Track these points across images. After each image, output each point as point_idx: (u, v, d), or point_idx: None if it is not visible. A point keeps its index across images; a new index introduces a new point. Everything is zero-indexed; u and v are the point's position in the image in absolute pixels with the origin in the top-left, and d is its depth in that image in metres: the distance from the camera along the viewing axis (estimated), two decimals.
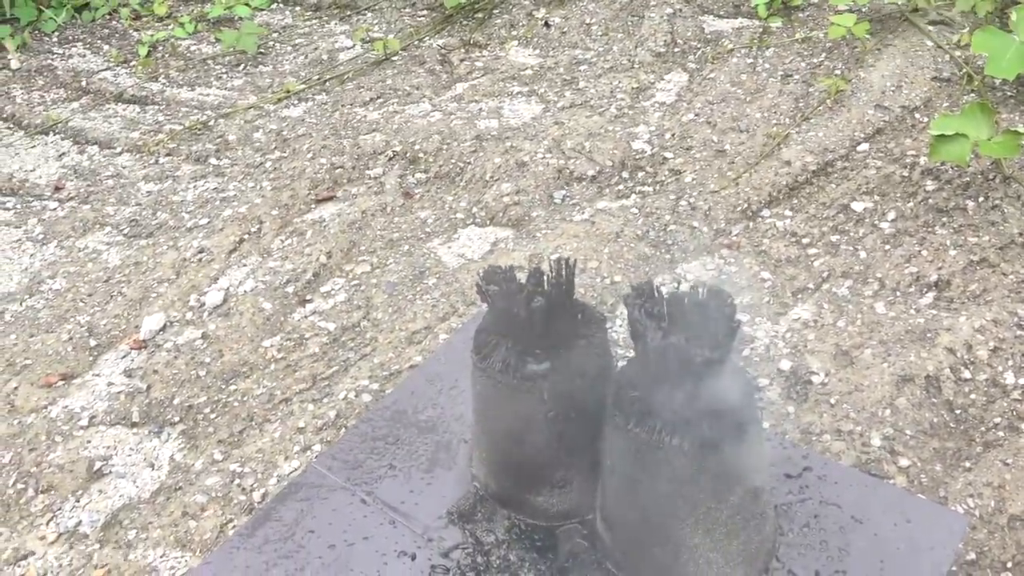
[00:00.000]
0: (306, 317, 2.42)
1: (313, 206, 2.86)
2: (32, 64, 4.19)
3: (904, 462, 1.76)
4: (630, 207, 2.55)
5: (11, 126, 3.74)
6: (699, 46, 3.33)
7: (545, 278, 1.35)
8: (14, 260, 2.89)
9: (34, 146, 3.56)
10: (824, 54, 3.10)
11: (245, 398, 2.19)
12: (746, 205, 2.48)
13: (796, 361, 2.01)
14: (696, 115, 2.90)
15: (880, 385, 1.90)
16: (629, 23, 3.56)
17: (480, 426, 1.54)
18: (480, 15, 3.81)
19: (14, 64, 4.23)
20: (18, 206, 3.18)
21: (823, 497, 1.54)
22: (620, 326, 2.16)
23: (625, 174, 2.72)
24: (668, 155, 2.74)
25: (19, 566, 1.87)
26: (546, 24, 3.67)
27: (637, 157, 2.77)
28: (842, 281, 2.22)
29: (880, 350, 1.99)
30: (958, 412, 1.85)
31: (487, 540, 1.54)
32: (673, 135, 2.82)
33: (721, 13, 3.52)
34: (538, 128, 2.99)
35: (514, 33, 3.68)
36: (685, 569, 1.36)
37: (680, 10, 3.55)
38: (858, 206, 2.41)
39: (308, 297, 2.49)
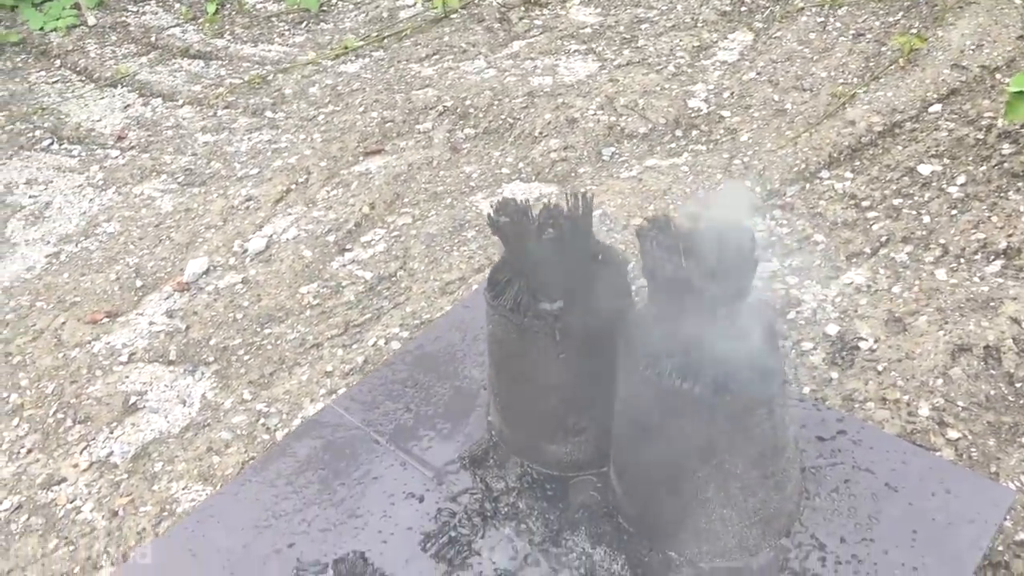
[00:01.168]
0: (344, 265, 2.41)
1: (361, 158, 2.85)
2: (107, 21, 4.30)
3: (953, 434, 1.63)
4: (680, 165, 2.45)
5: (83, 79, 3.85)
6: (767, 5, 3.18)
7: (560, 212, 1.28)
8: (74, 204, 2.96)
9: (103, 98, 3.65)
10: (901, 12, 2.91)
11: (278, 342, 2.20)
12: (803, 166, 2.35)
13: (844, 326, 1.89)
14: (758, 73, 2.76)
15: (934, 353, 1.77)
16: None
17: (493, 368, 1.49)
18: None
19: (91, 21, 4.34)
20: (83, 154, 3.26)
21: (856, 462, 1.44)
22: None
23: (679, 132, 2.61)
24: (725, 113, 2.62)
25: (51, 491, 1.92)
26: None
27: (692, 115, 2.65)
28: (901, 246, 2.08)
29: (937, 317, 1.85)
30: (1018, 385, 1.71)
31: (497, 487, 1.50)
32: (732, 93, 2.70)
33: None
34: (592, 85, 2.90)
35: None
36: (696, 525, 1.29)
37: None
38: (925, 169, 2.25)
39: (348, 246, 2.48)
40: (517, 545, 1.40)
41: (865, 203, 2.22)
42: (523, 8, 3.54)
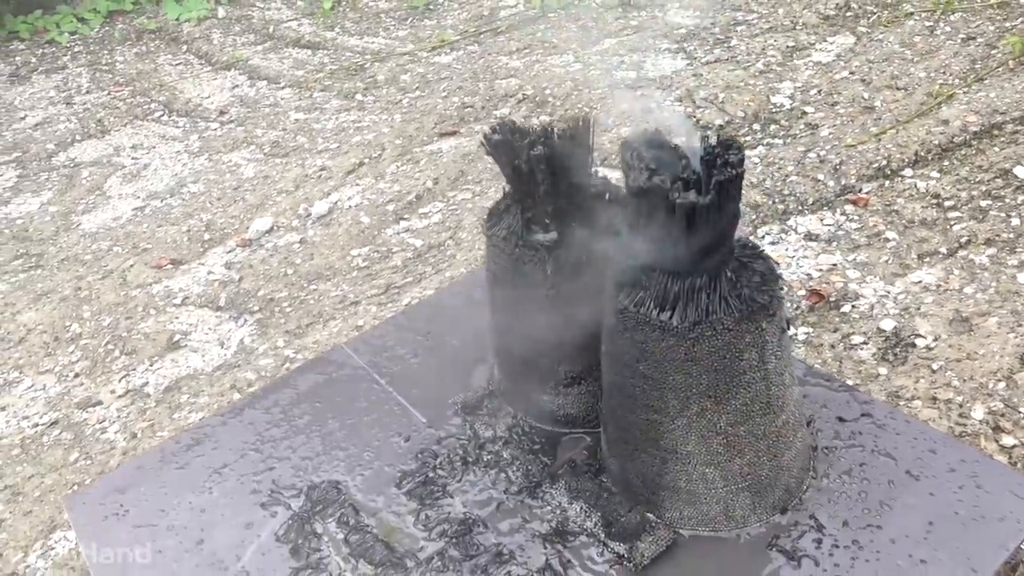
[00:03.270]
0: (398, 233, 2.41)
1: (435, 139, 2.86)
2: (234, 14, 4.56)
3: (1009, 441, 1.44)
4: (751, 156, 2.32)
5: (202, 61, 4.08)
6: (875, 10, 3.00)
7: (555, 131, 1.22)
8: (168, 167, 3.12)
9: (215, 79, 3.85)
10: (1021, 19, 2.68)
11: (321, 298, 2.21)
12: (885, 162, 2.18)
13: (902, 323, 1.72)
14: (851, 73, 2.60)
15: (999, 356, 1.57)
16: None
17: (491, 307, 1.43)
18: None
19: (220, 13, 4.62)
20: (187, 125, 3.44)
21: (877, 446, 1.29)
22: None
23: (756, 126, 2.48)
24: (808, 109, 2.48)
25: (86, 412, 1.99)
26: None
27: (774, 111, 2.52)
28: (983, 248, 1.88)
29: (1010, 320, 1.65)
30: None
31: (485, 434, 1.43)
32: (819, 91, 2.55)
33: None
34: (675, 80, 2.81)
35: None
36: (676, 483, 1.18)
37: None
38: (1022, 171, 2.04)
39: (405, 216, 2.48)
40: (492, 493, 1.33)
41: (949, 203, 2.02)
42: (620, 9, 3.50)
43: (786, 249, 2.00)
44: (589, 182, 1.26)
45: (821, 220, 2.07)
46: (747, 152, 2.36)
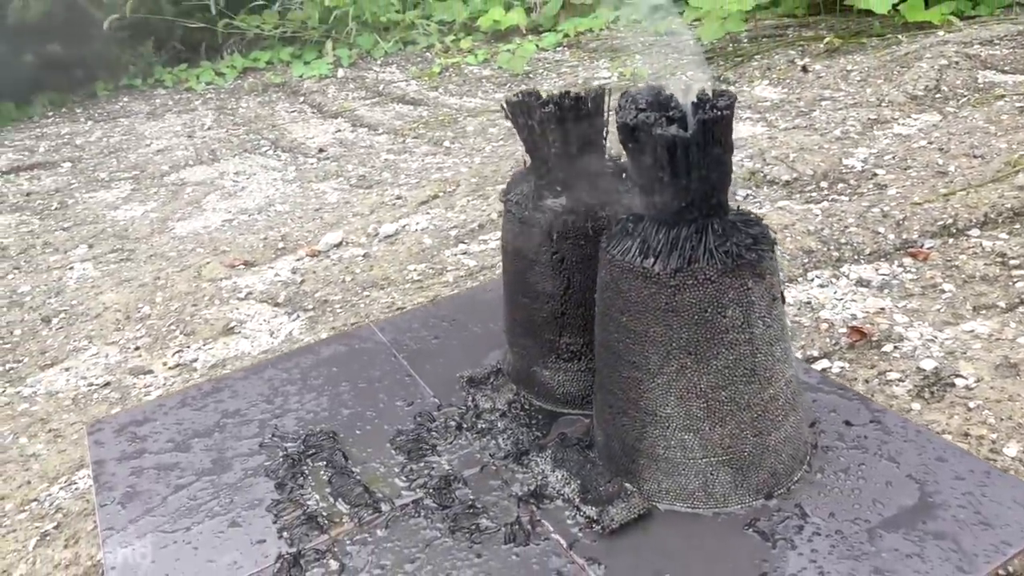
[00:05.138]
0: (455, 255, 2.48)
1: (509, 179, 2.95)
2: (351, 75, 4.91)
3: None
4: (814, 209, 2.29)
5: (314, 110, 4.39)
6: (966, 94, 2.96)
7: (570, 95, 1.26)
8: (263, 191, 3.33)
9: (322, 124, 4.13)
10: None
11: (371, 303, 2.29)
12: (951, 221, 2.11)
13: (944, 364, 1.63)
14: (929, 143, 2.55)
15: None
16: (894, 72, 3.27)
17: (503, 277, 1.45)
18: (739, 58, 3.75)
19: (340, 74, 4.99)
20: (287, 158, 3.69)
21: (881, 451, 1.22)
22: None
23: (824, 184, 2.45)
24: (879, 172, 2.44)
25: (136, 379, 2.10)
26: (804, 69, 3.50)
27: (844, 172, 2.49)
28: None
29: None
30: None
31: (484, 406, 1.43)
32: (894, 156, 2.51)
33: (1006, 69, 3.10)
34: (749, 141, 2.83)
35: (768, 74, 3.56)
36: (653, 447, 1.15)
37: (956, 63, 3.19)
38: None
39: (465, 241, 2.56)
40: (479, 456, 1.32)
41: (1014, 262, 1.93)
42: (708, 83, 3.56)
43: (834, 292, 1.95)
44: (601, 151, 1.29)
45: (876, 269, 2.01)
46: (811, 206, 2.34)
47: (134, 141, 4.25)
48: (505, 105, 1.30)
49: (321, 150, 3.71)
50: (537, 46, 4.73)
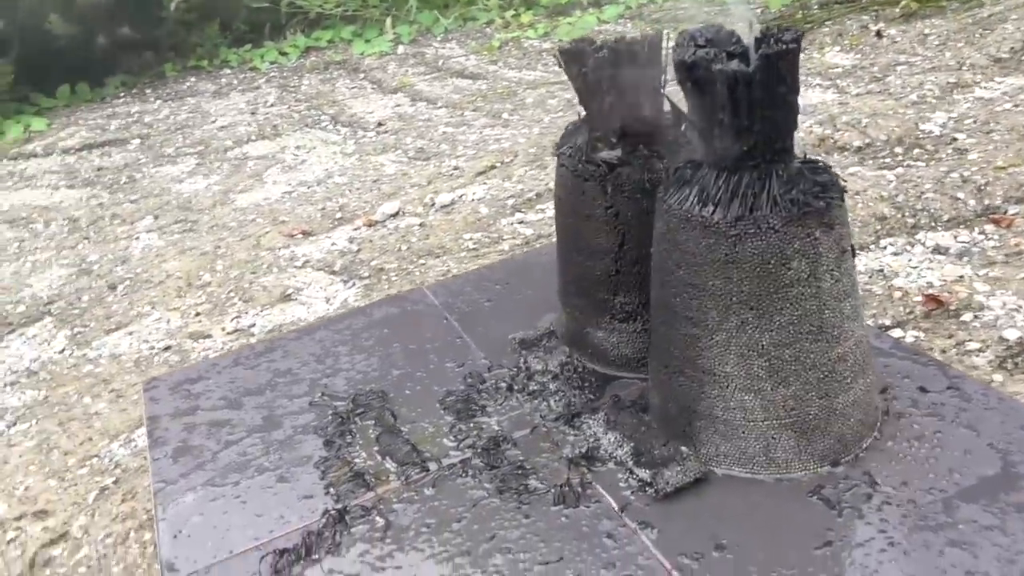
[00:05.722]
0: (511, 224, 2.45)
1: None
2: (410, 51, 4.90)
3: None
4: (887, 175, 2.18)
5: (374, 86, 4.39)
6: None
7: (624, 40, 1.20)
8: (323, 163, 3.35)
9: (381, 99, 4.13)
10: None
11: (426, 270, 2.27)
12: None
13: None
14: (1015, 106, 2.40)
15: None
16: (976, 35, 3.10)
17: (557, 235, 1.41)
18: (809, 24, 3.60)
19: (400, 50, 4.98)
20: (347, 132, 3.70)
21: (959, 419, 1.14)
22: None
23: (898, 149, 2.33)
24: (959, 136, 2.30)
25: (196, 343, 2.12)
26: (878, 34, 3.35)
27: (920, 136, 2.36)
28: None
29: None
30: None
31: (536, 368, 1.39)
32: (975, 120, 2.37)
33: None
34: (820, 108, 2.71)
35: (839, 41, 3.41)
36: (711, 409, 1.09)
37: None
38: None
39: (522, 210, 2.52)
40: (529, 417, 1.29)
41: None
42: None
43: (909, 260, 1.84)
44: (658, 100, 1.23)
45: (955, 237, 1.89)
46: (885, 172, 2.22)
47: (200, 118, 4.32)
48: (558, 53, 1.25)
49: (380, 124, 3.70)
50: (598, 19, 4.64)
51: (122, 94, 5.10)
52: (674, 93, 1.24)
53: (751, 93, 0.94)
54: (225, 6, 5.50)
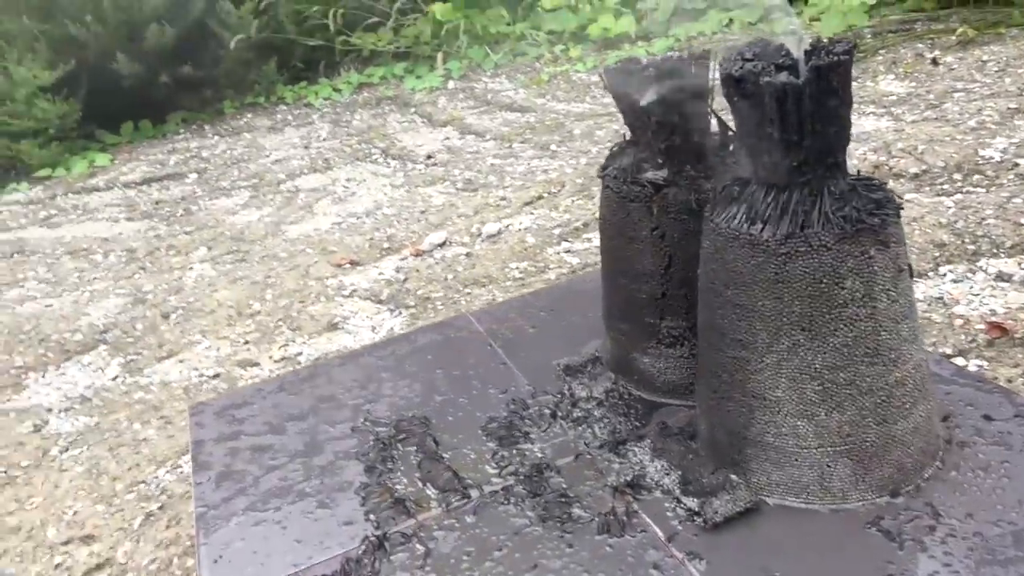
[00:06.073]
0: (558, 253, 2.43)
1: None
2: (460, 86, 4.96)
3: None
4: (945, 201, 2.11)
5: (424, 120, 4.45)
6: None
7: (671, 62, 1.19)
8: (372, 195, 3.38)
9: (431, 133, 4.17)
10: None
11: (471, 299, 2.26)
12: None
13: None
14: None
15: None
16: None
17: (602, 259, 1.38)
18: (862, 53, 3.54)
19: (450, 85, 5.05)
20: (396, 165, 3.74)
21: None
22: None
23: (957, 175, 2.26)
24: (1022, 161, 2.22)
25: (244, 370, 2.14)
26: (934, 62, 3.28)
27: (980, 163, 2.29)
28: None
29: None
30: None
31: (580, 395, 1.36)
32: None
33: None
34: (874, 135, 2.65)
35: (894, 68, 3.35)
36: (762, 435, 1.05)
37: None
38: None
39: (568, 239, 2.50)
40: (573, 444, 1.25)
41: None
42: None
43: (970, 287, 1.77)
44: (705, 120, 1.21)
45: (1019, 264, 1.82)
46: (943, 199, 2.15)
47: (255, 152, 4.42)
48: (602, 73, 1.24)
49: (429, 156, 3.74)
50: (647, 52, 4.64)
51: (182, 130, 5.25)
52: (722, 112, 1.22)
53: (801, 106, 0.92)
54: (282, 45, 5.65)
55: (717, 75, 1.08)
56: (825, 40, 0.96)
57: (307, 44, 5.67)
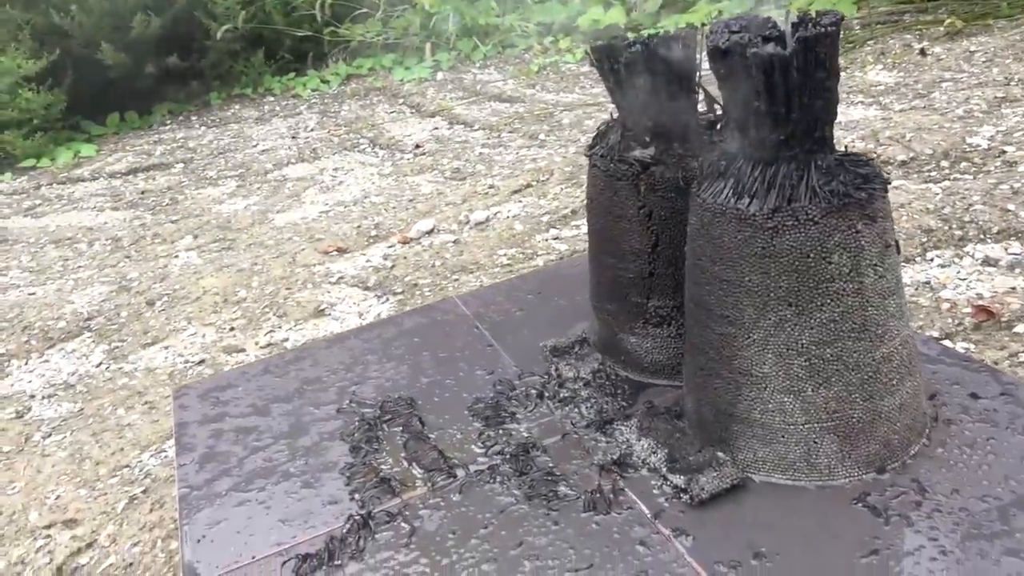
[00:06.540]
0: (546, 240, 2.42)
1: None
2: (449, 77, 4.94)
3: None
4: (933, 188, 2.12)
5: (413, 111, 4.43)
6: None
7: (656, 37, 1.18)
8: (360, 183, 3.37)
9: (420, 123, 4.16)
10: None
11: (459, 285, 2.25)
12: None
13: None
14: None
15: None
16: None
17: (589, 239, 1.37)
18: (851, 44, 3.55)
19: (439, 76, 5.03)
20: (384, 155, 3.72)
21: (1014, 425, 1.07)
22: None
23: (944, 163, 2.27)
24: (1008, 149, 2.23)
25: (229, 356, 2.12)
26: (922, 52, 3.28)
27: (967, 150, 2.30)
28: None
29: None
30: None
31: (567, 375, 1.36)
32: None
33: None
34: (862, 124, 2.65)
35: (882, 59, 3.35)
36: (749, 412, 1.05)
37: None
38: None
39: (556, 226, 2.49)
40: (560, 424, 1.25)
41: None
42: None
43: (958, 272, 1.78)
44: (693, 96, 1.20)
45: (1005, 249, 1.82)
46: (931, 185, 2.16)
47: (242, 143, 4.39)
48: (589, 50, 1.23)
49: (417, 146, 3.72)
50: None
51: (168, 121, 5.22)
52: (710, 88, 1.21)
53: (788, 79, 0.91)
54: (270, 36, 5.62)
55: (703, 51, 1.08)
56: (812, 13, 0.96)
57: (295, 35, 5.64)
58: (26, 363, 2.29)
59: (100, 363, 2.23)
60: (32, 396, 2.11)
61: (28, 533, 1.58)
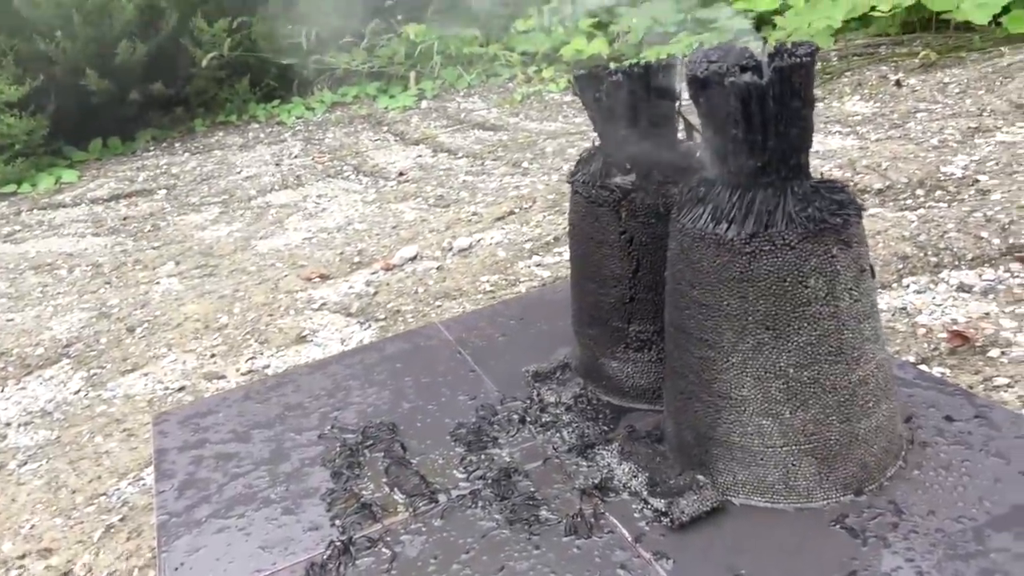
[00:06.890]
0: (529, 266, 2.43)
1: None
2: (434, 105, 4.98)
3: None
4: (909, 215, 2.15)
5: (397, 138, 4.45)
6: None
7: (638, 67, 1.20)
8: (344, 211, 3.37)
9: (404, 151, 4.18)
10: None
11: (441, 311, 2.25)
12: None
13: None
14: None
15: None
16: (996, 83, 3.09)
17: (571, 264, 1.39)
18: (828, 75, 3.62)
19: (423, 105, 5.07)
20: (368, 182, 3.74)
21: (988, 447, 1.09)
22: None
23: (920, 191, 2.31)
24: (981, 178, 2.27)
25: (210, 383, 2.11)
26: (898, 84, 3.35)
27: (942, 179, 2.34)
28: None
29: None
30: None
31: (549, 400, 1.36)
32: (997, 163, 2.34)
33: None
34: (839, 153, 2.70)
35: (859, 90, 3.42)
36: (728, 435, 1.05)
37: None
38: None
39: (539, 253, 2.51)
40: (541, 449, 1.25)
41: None
42: None
43: (933, 298, 1.80)
44: (673, 124, 1.22)
45: (979, 275, 1.85)
46: (906, 213, 2.19)
47: (225, 169, 4.39)
48: (572, 79, 1.25)
49: (401, 173, 3.74)
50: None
51: (152, 148, 5.21)
52: (689, 116, 1.24)
53: (765, 107, 0.93)
54: (255, 63, 5.65)
55: (683, 80, 1.10)
56: (788, 44, 0.98)
57: (280, 63, 5.67)
58: (2, 390, 2.27)
59: (78, 390, 2.21)
60: (8, 424, 2.08)
61: (1, 563, 1.56)
